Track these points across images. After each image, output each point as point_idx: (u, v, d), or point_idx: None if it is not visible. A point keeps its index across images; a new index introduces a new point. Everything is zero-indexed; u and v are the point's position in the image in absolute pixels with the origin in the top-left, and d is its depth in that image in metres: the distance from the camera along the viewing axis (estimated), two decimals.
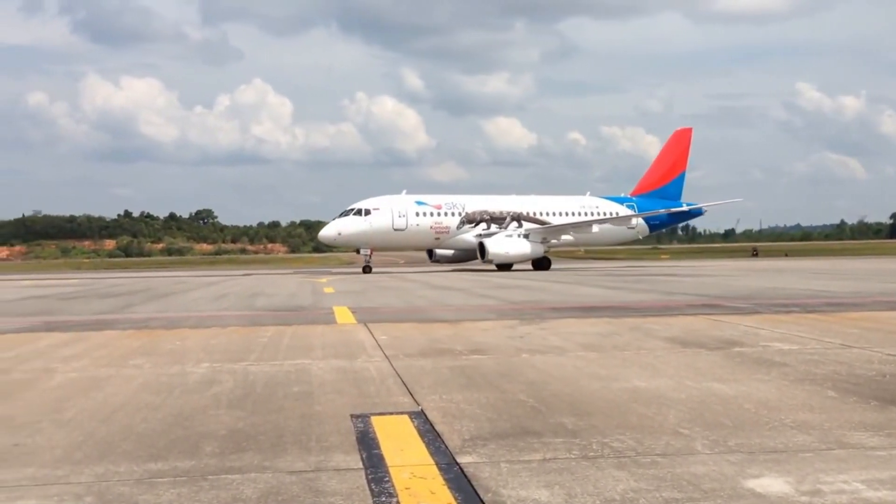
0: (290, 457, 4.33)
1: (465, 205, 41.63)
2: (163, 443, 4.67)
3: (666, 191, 46.80)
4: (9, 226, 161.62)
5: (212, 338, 10.06)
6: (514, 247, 39.84)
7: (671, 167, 47.26)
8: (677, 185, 47.26)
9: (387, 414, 5.38)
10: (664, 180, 47.08)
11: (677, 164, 47.38)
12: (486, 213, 41.71)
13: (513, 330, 10.44)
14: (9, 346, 9.59)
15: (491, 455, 4.30)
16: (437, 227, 40.70)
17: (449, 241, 41.35)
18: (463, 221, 41.14)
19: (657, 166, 48.16)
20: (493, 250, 39.09)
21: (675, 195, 47.05)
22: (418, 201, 40.81)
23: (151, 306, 16.95)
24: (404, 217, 39.56)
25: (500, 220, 41.78)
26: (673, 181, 47.08)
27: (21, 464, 4.27)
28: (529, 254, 40.15)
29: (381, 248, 41.90)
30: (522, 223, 41.87)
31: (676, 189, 47.20)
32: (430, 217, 40.59)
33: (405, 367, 7.37)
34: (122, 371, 7.42)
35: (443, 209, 40.98)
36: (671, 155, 47.60)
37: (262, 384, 6.58)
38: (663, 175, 47.24)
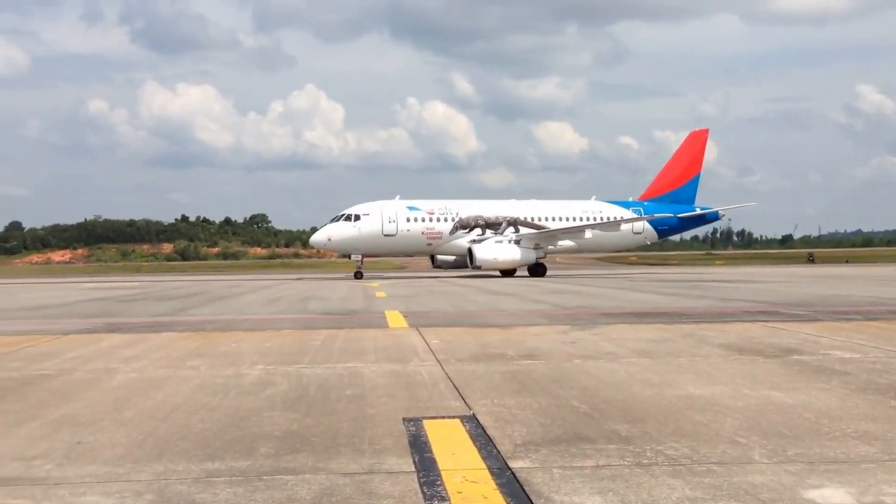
0: (344, 459, 4.37)
1: (458, 210, 40.69)
2: (219, 443, 4.75)
3: (678, 194, 45.07)
4: (71, 230, 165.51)
5: (266, 340, 10.18)
6: (503, 253, 38.66)
7: (684, 170, 45.47)
8: (690, 188, 45.48)
9: (438, 418, 5.39)
10: (676, 183, 45.32)
11: (691, 167, 45.55)
12: (481, 218, 40.68)
13: (565, 335, 10.38)
14: (72, 346, 9.82)
15: (543, 460, 4.29)
16: (428, 232, 39.86)
17: (442, 246, 40.48)
18: (456, 227, 40.17)
19: (669, 169, 46.28)
20: (480, 256, 38.06)
21: (688, 199, 45.30)
22: (410, 206, 40.08)
23: (207, 309, 17.21)
24: (394, 222, 38.98)
25: (496, 225, 40.65)
26: (686, 184, 45.32)
27: (84, 461, 4.37)
28: (519, 260, 38.92)
29: (372, 254, 41.22)
30: (520, 229, 40.76)
31: (689, 193, 45.42)
32: (421, 222, 39.72)
33: (457, 371, 7.38)
34: (180, 372, 7.56)
35: (435, 214, 40.15)
36: (685, 157, 45.78)
37: (316, 387, 6.65)
38: (675, 178, 45.45)
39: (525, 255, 39.08)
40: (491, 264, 38.45)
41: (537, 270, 39.62)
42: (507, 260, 38.68)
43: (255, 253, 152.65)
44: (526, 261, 39.29)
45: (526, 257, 39.13)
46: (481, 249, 38.42)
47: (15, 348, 9.60)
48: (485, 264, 38.27)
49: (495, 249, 38.73)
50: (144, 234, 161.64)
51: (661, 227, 44.44)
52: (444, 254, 41.34)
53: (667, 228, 45.16)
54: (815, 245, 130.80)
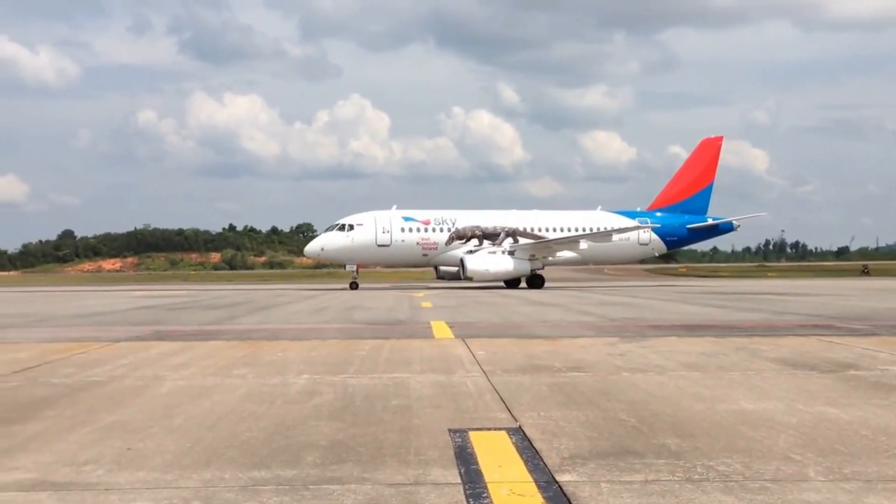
0: (390, 469, 4.35)
1: (455, 220, 40.13)
2: (266, 451, 4.76)
3: (689, 204, 43.66)
4: (121, 238, 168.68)
5: (312, 350, 10.23)
6: (496, 263, 37.92)
7: (696, 179, 44.03)
8: (702, 198, 44.03)
9: (485, 429, 5.35)
10: (687, 193, 43.90)
11: (704, 176, 44.10)
12: (479, 228, 39.94)
13: (613, 347, 10.27)
14: (122, 353, 9.96)
15: (591, 474, 4.23)
16: (424, 242, 39.39)
17: (438, 257, 39.94)
18: (452, 237, 39.58)
19: (680, 178, 44.87)
20: (471, 266, 37.46)
21: (701, 209, 43.90)
22: (406, 217, 39.61)
23: (254, 318, 17.37)
24: (388, 233, 38.62)
25: (494, 236, 39.78)
26: (698, 194, 43.88)
27: (134, 467, 4.41)
28: (512, 271, 38.27)
29: (367, 264, 40.89)
30: (518, 240, 39.94)
31: (702, 202, 44.00)
32: (416, 233, 39.35)
33: (503, 382, 7.33)
34: (227, 380, 7.61)
35: (431, 224, 39.63)
36: (697, 166, 44.33)
37: (362, 396, 6.65)
38: (686, 187, 44.05)
39: (519, 266, 38.32)
40: (482, 275, 37.77)
41: (534, 283, 38.79)
42: (500, 271, 37.94)
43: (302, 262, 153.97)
44: (519, 272, 38.56)
45: (519, 268, 38.39)
46: (473, 260, 37.87)
47: (67, 355, 9.76)
48: (476, 275, 37.66)
49: (488, 260, 38.06)
50: (193, 242, 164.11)
51: (670, 237, 43.11)
52: (439, 265, 40.86)
53: (676, 239, 43.73)
54: (872, 257, 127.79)
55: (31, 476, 4.25)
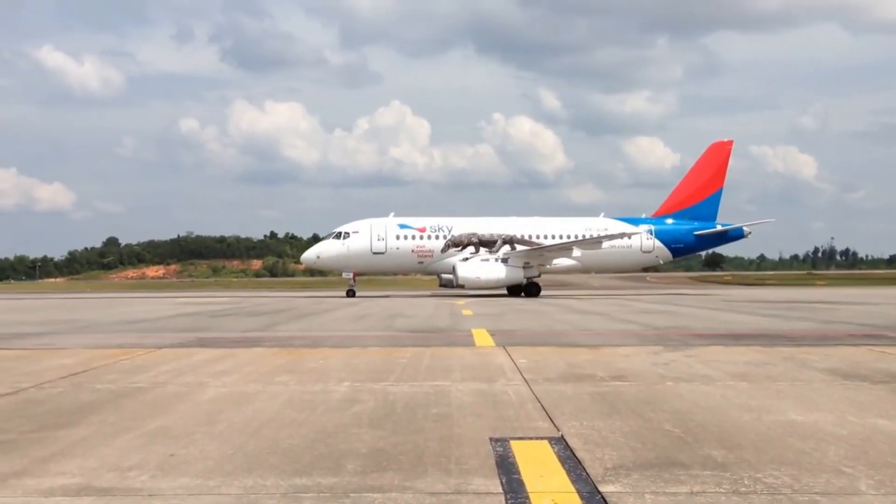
0: (430, 478, 4.32)
1: (452, 227, 39.73)
2: (307, 458, 4.76)
3: (697, 210, 42.43)
4: (165, 246, 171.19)
5: (353, 357, 10.24)
6: (487, 271, 37.43)
7: (704, 184, 42.78)
8: (711, 204, 42.75)
9: (526, 439, 5.30)
10: (695, 199, 42.65)
11: (712, 181, 42.83)
12: (475, 235, 39.49)
13: (656, 356, 10.15)
14: (166, 360, 10.06)
15: (634, 485, 4.16)
16: (419, 250, 39.11)
17: (434, 264, 39.64)
18: (448, 245, 39.23)
19: (687, 183, 43.58)
20: (461, 274, 37.09)
21: (710, 215, 42.64)
22: (402, 224, 39.39)
23: (295, 325, 17.46)
24: (383, 240, 38.49)
25: (491, 243, 39.32)
26: (706, 200, 42.62)
27: (177, 473, 4.43)
28: (504, 279, 37.66)
29: (363, 272, 40.65)
30: (516, 247, 39.29)
31: (710, 209, 42.71)
32: (411, 240, 39.11)
33: (545, 391, 7.27)
34: (269, 387, 7.64)
35: (427, 232, 39.35)
36: (705, 171, 43.09)
37: (402, 404, 6.63)
38: (694, 193, 42.78)
39: (511, 273, 37.78)
40: (474, 283, 37.34)
41: (530, 291, 38.20)
42: (492, 279, 37.40)
43: None
44: (512, 280, 38.01)
45: (512, 276, 37.86)
46: (464, 268, 37.54)
47: (111, 361, 9.88)
48: (467, 283, 37.30)
49: (479, 268, 37.65)
50: (235, 250, 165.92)
51: (676, 245, 41.87)
52: (436, 272, 40.56)
53: (682, 247, 42.39)
54: None
55: (77, 481, 4.29)
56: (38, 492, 4.10)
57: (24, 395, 7.26)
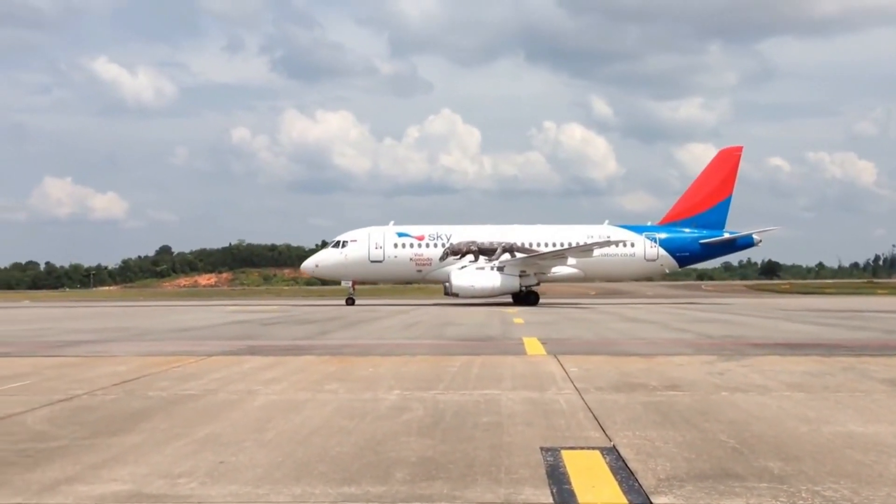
0: (480, 488, 4.26)
1: (450, 235, 39.35)
2: (356, 467, 4.73)
3: (704, 218, 41.23)
4: (217, 254, 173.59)
5: (402, 365, 10.22)
6: (482, 280, 37.02)
7: (712, 192, 41.54)
8: (719, 211, 41.47)
9: (577, 448, 5.22)
10: (702, 206, 41.43)
11: (721, 189, 41.58)
12: (474, 243, 39.04)
13: (711, 366, 9.96)
14: (216, 368, 10.14)
15: (688, 497, 4.06)
16: (417, 258, 38.82)
17: (433, 273, 39.12)
18: (447, 253, 38.88)
19: (695, 191, 42.39)
20: (456, 283, 36.85)
21: (717, 223, 41.39)
22: (400, 233, 39.22)
23: (345, 333, 17.51)
24: (381, 248, 38.38)
25: (490, 251, 38.80)
26: (714, 207, 41.37)
27: (226, 481, 4.44)
28: (499, 288, 37.11)
29: (361, 280, 40.58)
30: (516, 255, 38.73)
31: (718, 216, 41.45)
32: (409, 248, 38.89)
33: (596, 400, 7.17)
34: (318, 395, 7.65)
35: (425, 240, 39.06)
36: (713, 178, 41.88)
37: (452, 413, 6.58)
38: (702, 200, 41.58)
39: (507, 282, 37.34)
40: (468, 291, 36.98)
41: (529, 299, 37.78)
42: (486, 287, 36.97)
43: None
44: (507, 288, 37.56)
45: (507, 285, 37.41)
46: (458, 276, 37.27)
47: (163, 368, 9.99)
48: (462, 291, 36.98)
49: (474, 276, 37.32)
50: (286, 258, 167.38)
51: (680, 253, 40.76)
52: (435, 281, 40.21)
53: (687, 255, 41.19)
54: None
55: (128, 488, 4.32)
56: (90, 498, 4.13)
57: (78, 402, 7.36)
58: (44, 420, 6.42)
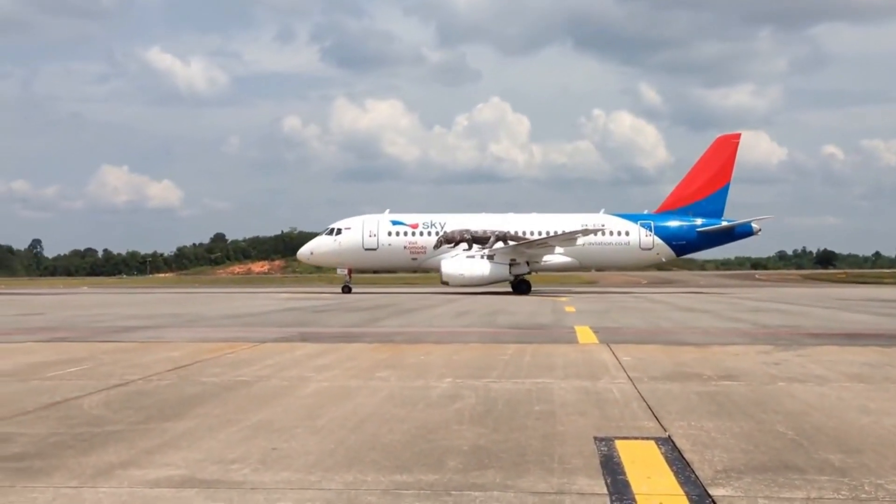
0: (533, 477, 4.22)
1: (444, 223, 39.40)
2: (407, 455, 4.72)
3: (702, 206, 40.43)
4: (269, 241, 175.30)
5: (454, 353, 10.20)
6: (471, 268, 36.87)
7: (710, 179, 40.70)
8: (717, 199, 40.63)
9: (632, 438, 5.14)
10: (700, 194, 40.60)
11: (718, 176, 40.72)
12: (468, 232, 38.97)
13: (767, 356, 9.77)
14: (269, 354, 10.23)
15: (747, 489, 3.97)
16: (411, 246, 38.93)
17: (428, 261, 39.06)
18: (441, 241, 38.89)
19: (692, 178, 41.51)
20: (445, 271, 36.75)
21: (715, 212, 40.57)
22: (394, 220, 39.36)
23: (396, 321, 17.56)
24: (375, 237, 38.59)
25: (484, 240, 38.75)
26: (712, 195, 40.53)
27: (279, 467, 4.45)
28: (488, 276, 36.97)
29: (356, 268, 40.77)
30: (509, 244, 38.56)
31: (716, 204, 40.61)
32: (403, 236, 38.99)
33: (650, 390, 7.07)
34: (370, 383, 7.66)
35: (419, 228, 39.15)
36: (711, 165, 40.95)
37: (504, 401, 6.54)
38: (699, 188, 40.74)
39: (496, 270, 37.09)
40: (458, 280, 36.88)
41: (519, 288, 37.55)
42: (476, 276, 36.82)
43: None
44: (497, 277, 37.29)
45: (497, 273, 37.15)
46: (448, 264, 37.20)
47: (217, 355, 10.10)
48: (451, 279, 36.92)
49: (463, 265, 37.16)
50: None
51: (677, 242, 40.09)
52: (429, 269, 40.04)
53: (684, 244, 40.44)
54: None
55: (181, 473, 4.35)
56: (144, 483, 4.18)
57: (133, 387, 7.47)
58: (100, 404, 6.53)
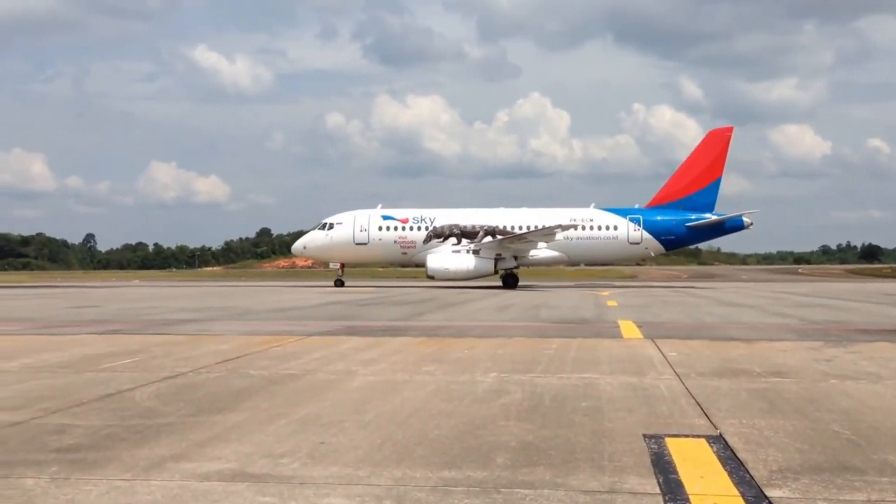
0: (583, 475, 4.17)
1: (434, 218, 39.63)
2: (455, 450, 4.70)
3: (693, 201, 39.84)
4: None
5: (498, 348, 10.17)
6: (455, 263, 37.02)
7: (701, 173, 40.08)
8: (709, 193, 39.99)
9: (682, 436, 5.07)
10: (691, 189, 40.03)
11: (710, 170, 40.07)
12: (457, 227, 39.12)
13: (817, 352, 9.60)
14: (315, 347, 10.28)
15: (805, 491, 3.89)
16: (401, 241, 39.24)
17: (417, 255, 39.36)
18: (430, 236, 39.07)
19: (683, 173, 41.05)
20: (430, 265, 37.15)
21: (706, 206, 39.92)
22: (385, 216, 39.75)
23: (440, 315, 17.56)
24: (366, 231, 38.98)
25: (473, 234, 38.83)
26: (703, 190, 39.90)
27: (327, 462, 4.46)
28: (473, 270, 37.11)
29: (348, 263, 41.03)
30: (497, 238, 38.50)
31: (707, 198, 39.98)
32: (394, 231, 39.31)
33: (698, 386, 6.98)
34: (416, 377, 7.66)
35: (409, 223, 39.41)
36: (703, 159, 40.32)
37: (550, 397, 6.49)
38: (690, 183, 40.16)
39: (481, 265, 37.19)
40: (442, 274, 37.07)
41: (506, 282, 37.62)
42: (461, 270, 36.97)
43: None
44: (482, 271, 37.37)
45: (482, 267, 37.24)
46: (433, 259, 37.37)
47: (264, 348, 10.18)
48: (436, 274, 37.14)
49: (447, 259, 37.29)
50: None
51: (666, 236, 39.63)
52: (420, 263, 39.93)
53: (673, 238, 39.99)
54: None
55: (231, 466, 4.38)
56: (195, 476, 4.21)
57: (184, 380, 7.55)
58: (152, 397, 6.60)
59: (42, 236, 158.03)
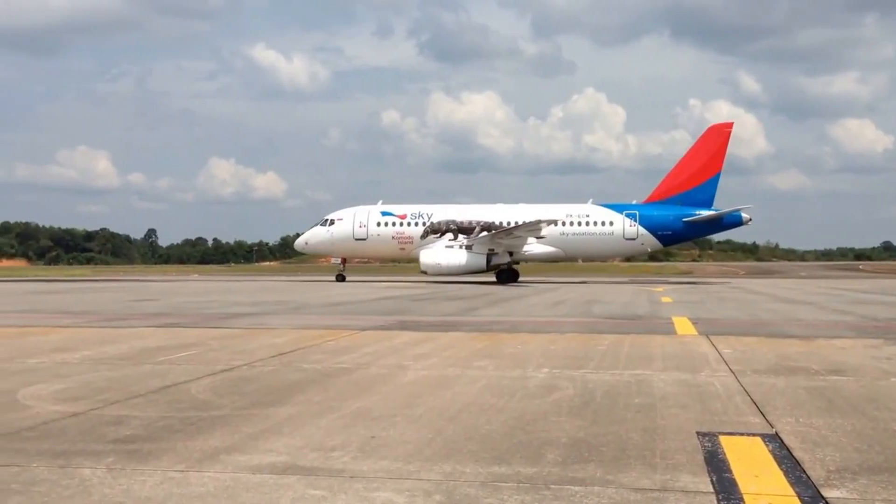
0: (634, 472, 4.13)
1: (431, 214, 39.91)
2: (506, 446, 4.68)
3: (691, 196, 39.16)
4: None
5: (550, 343, 10.12)
6: (447, 258, 37.18)
7: (700, 169, 39.39)
8: (707, 189, 39.28)
9: (736, 434, 5.00)
10: (689, 184, 39.38)
11: (709, 166, 39.37)
12: (454, 222, 39.20)
13: (877, 350, 9.38)
14: (368, 342, 10.34)
15: (863, 491, 3.80)
16: (399, 237, 39.73)
17: (414, 251, 39.50)
18: (427, 232, 39.41)
19: (682, 168, 40.50)
20: (423, 260, 37.35)
21: (705, 201, 39.22)
22: (384, 211, 40.28)
23: (493, 310, 17.54)
24: (365, 227, 39.61)
25: (469, 230, 38.88)
26: (702, 185, 39.24)
27: (378, 456, 4.48)
28: (465, 266, 37.18)
29: (348, 257, 41.75)
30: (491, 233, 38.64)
31: (706, 194, 39.26)
32: (392, 227, 39.85)
33: (753, 383, 6.86)
34: (467, 372, 7.66)
35: (407, 219, 39.81)
36: (701, 155, 39.62)
37: (602, 393, 6.44)
38: (689, 178, 39.48)
39: (473, 260, 37.35)
40: (435, 269, 37.28)
41: (500, 278, 37.55)
42: (453, 265, 37.13)
43: None
44: (474, 266, 37.43)
45: (474, 263, 37.38)
46: (426, 254, 37.67)
47: (318, 342, 10.27)
48: (429, 269, 37.37)
49: (439, 255, 37.51)
50: None
51: (662, 232, 39.11)
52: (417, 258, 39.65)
53: (670, 234, 39.46)
54: None
55: (283, 459, 4.42)
56: (248, 468, 4.26)
57: (238, 373, 7.65)
58: (207, 389, 6.71)
59: (106, 231, 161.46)
